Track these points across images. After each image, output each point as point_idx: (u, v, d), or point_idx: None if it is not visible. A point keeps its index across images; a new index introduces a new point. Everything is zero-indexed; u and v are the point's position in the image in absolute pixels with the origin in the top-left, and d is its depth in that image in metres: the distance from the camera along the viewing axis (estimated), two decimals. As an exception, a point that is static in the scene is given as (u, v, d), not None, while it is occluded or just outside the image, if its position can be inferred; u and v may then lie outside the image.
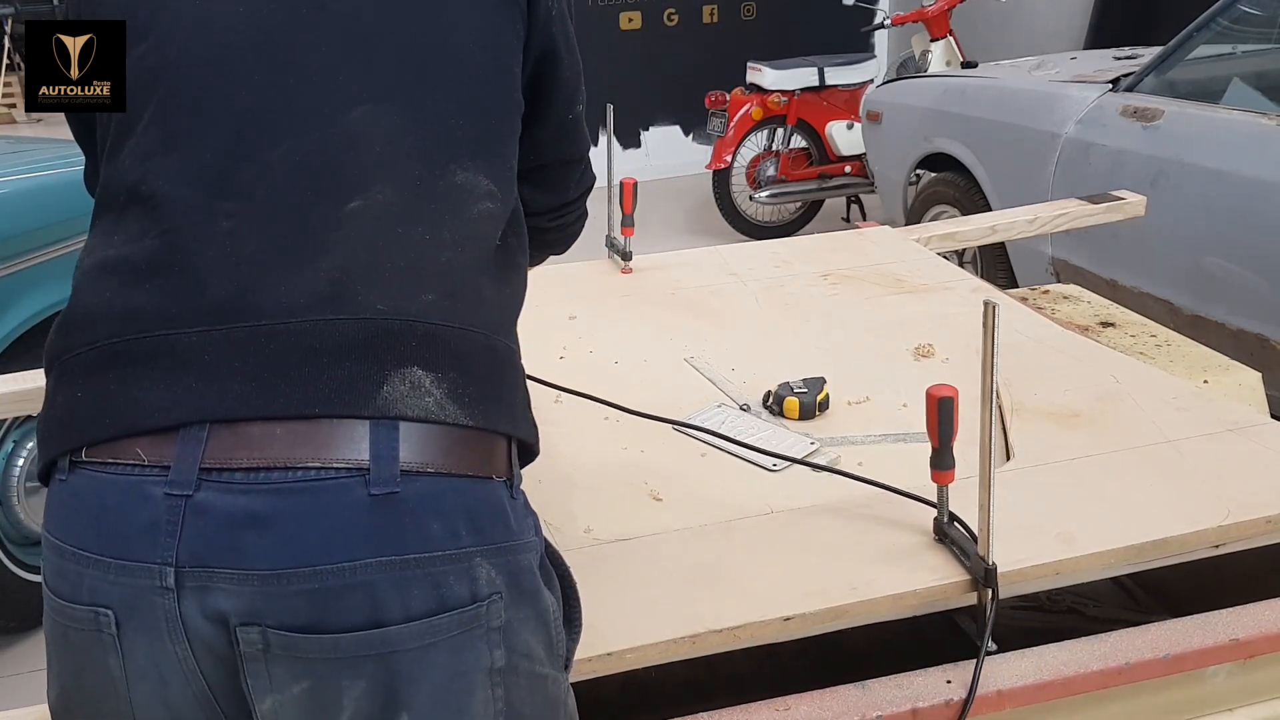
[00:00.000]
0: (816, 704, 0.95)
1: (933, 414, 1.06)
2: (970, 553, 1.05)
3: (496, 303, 0.88)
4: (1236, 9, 3.03)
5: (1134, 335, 1.86)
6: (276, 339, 0.77)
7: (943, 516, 1.10)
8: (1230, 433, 1.32)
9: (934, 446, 1.07)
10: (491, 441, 0.82)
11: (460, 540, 0.76)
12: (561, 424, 1.39)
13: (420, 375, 0.78)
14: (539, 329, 1.71)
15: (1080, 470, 1.26)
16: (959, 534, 1.08)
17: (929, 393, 1.06)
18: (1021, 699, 0.98)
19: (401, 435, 0.76)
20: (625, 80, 6.47)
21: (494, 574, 0.78)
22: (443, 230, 0.85)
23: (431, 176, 0.86)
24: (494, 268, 0.88)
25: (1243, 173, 2.71)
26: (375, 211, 0.83)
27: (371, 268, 0.81)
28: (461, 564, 0.76)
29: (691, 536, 1.15)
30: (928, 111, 3.95)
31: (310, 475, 0.74)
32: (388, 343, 0.78)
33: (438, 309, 0.81)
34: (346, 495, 0.74)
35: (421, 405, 0.78)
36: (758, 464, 1.31)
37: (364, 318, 0.78)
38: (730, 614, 1.01)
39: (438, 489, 0.77)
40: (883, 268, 1.96)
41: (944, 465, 1.07)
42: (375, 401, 0.76)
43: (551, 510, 1.20)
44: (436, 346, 0.80)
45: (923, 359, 1.59)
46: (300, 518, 0.74)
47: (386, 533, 0.74)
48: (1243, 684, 1.06)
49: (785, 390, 1.44)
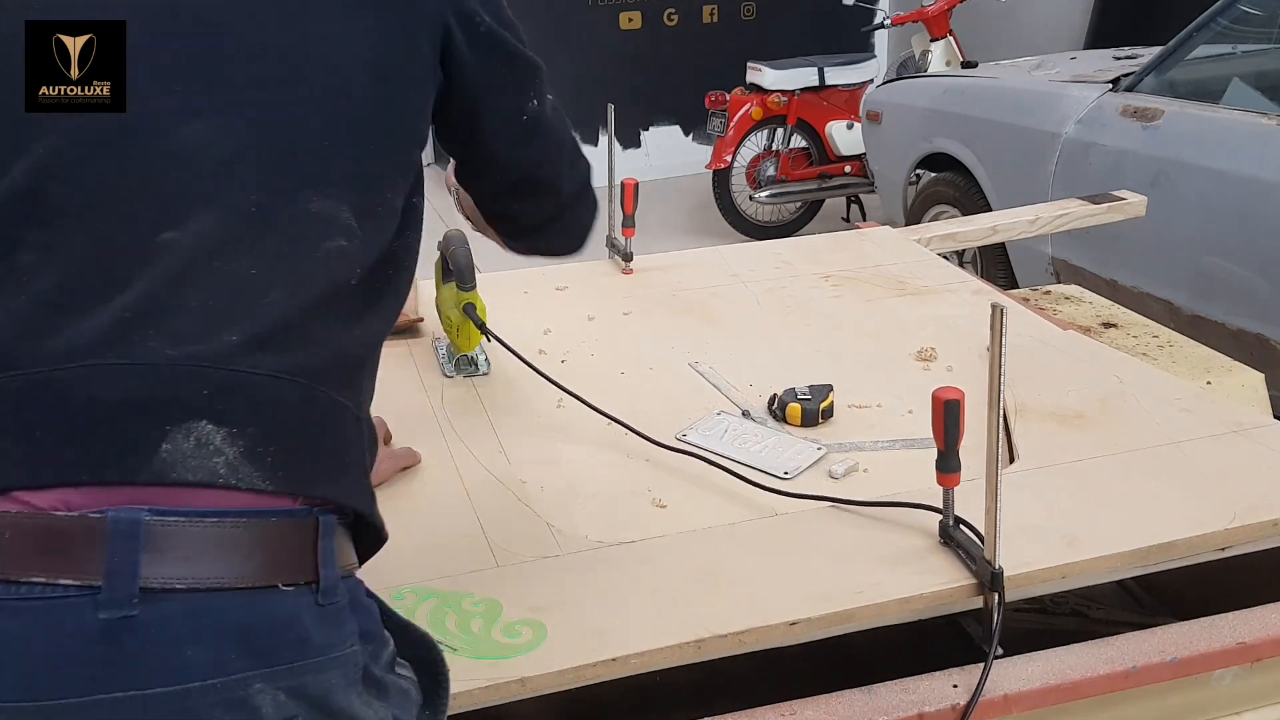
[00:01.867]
0: (822, 708, 0.95)
1: (939, 416, 1.05)
2: (976, 556, 1.04)
3: (329, 349, 0.74)
4: (1236, 9, 3.03)
5: (1136, 336, 1.85)
6: (52, 389, 0.66)
7: (948, 520, 1.10)
8: (1234, 434, 1.31)
9: (940, 449, 1.06)
10: (290, 530, 0.69)
11: (228, 665, 0.64)
12: (563, 428, 1.39)
13: (209, 431, 0.67)
14: (540, 328, 1.71)
15: (1084, 472, 1.25)
16: (965, 538, 1.08)
17: (935, 395, 1.05)
18: (1027, 703, 0.97)
19: (145, 539, 0.64)
20: (625, 80, 6.47)
21: (285, 699, 0.65)
22: (276, 266, 0.73)
23: (274, 204, 0.75)
24: (337, 311, 0.76)
25: (1243, 173, 2.70)
26: (190, 242, 0.71)
27: (171, 307, 0.70)
28: (233, 693, 0.64)
29: (695, 540, 1.14)
30: (928, 111, 3.95)
31: (35, 593, 0.63)
32: (174, 392, 0.67)
33: (242, 353, 0.69)
34: (74, 619, 0.63)
35: (207, 467, 0.66)
36: (764, 469, 1.30)
37: (149, 363, 0.67)
38: (735, 619, 1.01)
39: (194, 608, 0.64)
40: (884, 269, 1.96)
41: (950, 468, 1.06)
42: (153, 463, 0.65)
43: (554, 516, 1.19)
44: (234, 397, 0.68)
45: (926, 364, 1.59)
46: (21, 643, 0.63)
47: (122, 664, 0.62)
48: (1249, 688, 1.06)
49: (790, 396, 1.43)
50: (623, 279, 1.93)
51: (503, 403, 1.47)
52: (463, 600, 1.04)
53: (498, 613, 1.02)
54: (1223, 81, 3.05)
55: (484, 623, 1.00)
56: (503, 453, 1.34)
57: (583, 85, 6.44)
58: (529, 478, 1.28)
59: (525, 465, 1.30)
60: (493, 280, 1.96)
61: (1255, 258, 2.69)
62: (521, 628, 1.00)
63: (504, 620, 1.01)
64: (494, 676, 0.93)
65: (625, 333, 1.73)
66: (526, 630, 0.99)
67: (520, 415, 1.43)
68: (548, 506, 1.21)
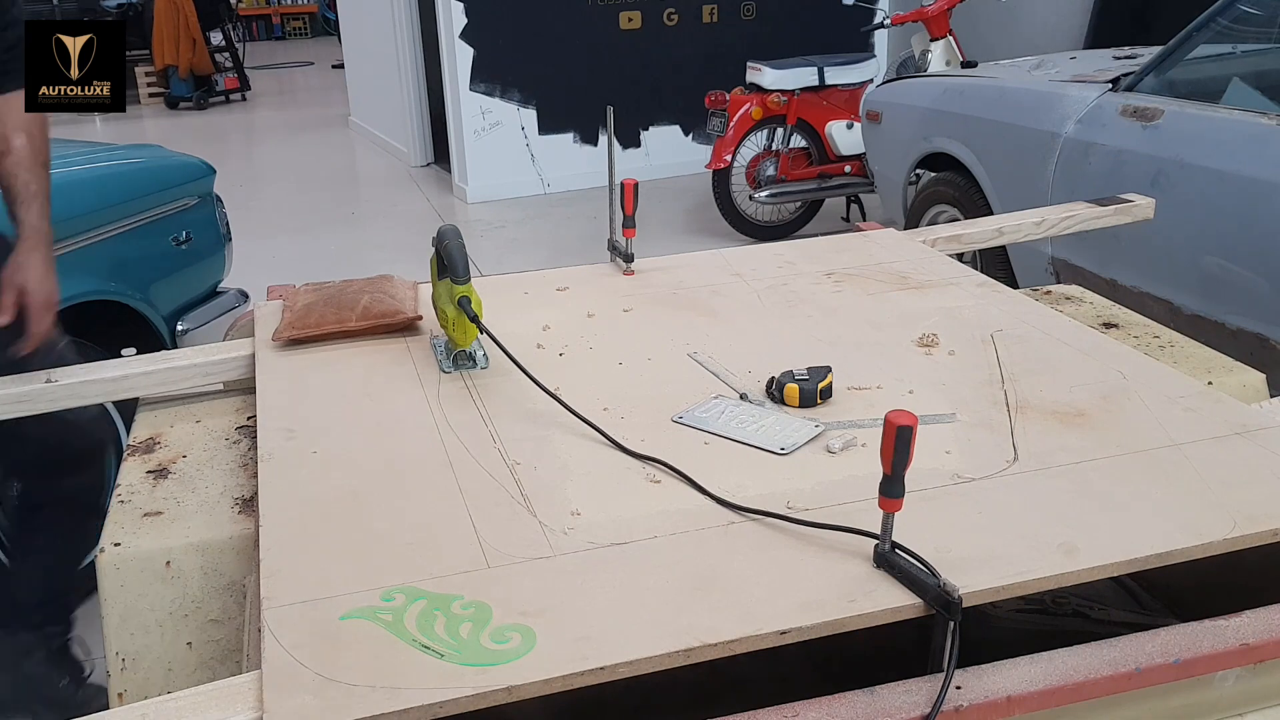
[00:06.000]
0: (825, 710, 0.94)
1: (889, 440, 1.01)
2: (927, 583, 1.01)
3: None
4: (1236, 9, 3.03)
5: (1137, 336, 1.85)
6: None
7: (885, 545, 1.06)
8: (1237, 436, 1.31)
9: (886, 473, 1.02)
10: None
11: None
12: (559, 414, 1.38)
13: None
14: (539, 325, 1.70)
15: (1084, 475, 1.25)
16: (904, 562, 1.04)
17: (888, 419, 1.00)
18: (1031, 705, 0.97)
19: None
20: (625, 80, 6.47)
21: None
22: None
23: None
24: None
25: (1243, 173, 2.70)
26: None
27: None
28: None
29: (688, 542, 1.14)
30: (928, 111, 3.95)
31: None
32: None
33: None
34: None
35: None
36: (761, 446, 1.31)
37: None
38: (726, 627, 0.99)
39: None
40: (887, 266, 1.95)
41: (894, 493, 1.03)
42: None
43: (547, 515, 1.19)
44: None
45: (928, 349, 1.58)
46: None
47: None
48: (1252, 689, 1.06)
49: (787, 377, 1.43)
50: (624, 280, 1.93)
51: (499, 398, 1.46)
52: (452, 603, 1.03)
53: (487, 617, 1.01)
54: (1223, 81, 3.05)
55: (473, 627, 1.00)
56: (498, 448, 1.33)
57: (583, 85, 6.44)
58: (523, 474, 1.27)
59: (520, 461, 1.30)
60: (493, 281, 1.96)
61: (1255, 258, 2.69)
62: (511, 633, 0.99)
63: (493, 625, 1.00)
64: (481, 684, 0.92)
65: (624, 327, 1.73)
66: (516, 636, 0.98)
67: (517, 410, 1.43)
68: (541, 504, 1.21)
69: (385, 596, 1.04)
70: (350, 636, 0.99)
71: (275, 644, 0.98)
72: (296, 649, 0.97)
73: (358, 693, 0.92)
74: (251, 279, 2.20)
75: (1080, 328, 1.68)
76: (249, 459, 1.46)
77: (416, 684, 0.92)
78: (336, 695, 0.91)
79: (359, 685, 0.92)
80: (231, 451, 1.50)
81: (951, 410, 1.40)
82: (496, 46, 6.26)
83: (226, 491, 1.38)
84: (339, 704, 0.90)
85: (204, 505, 1.35)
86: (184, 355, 1.68)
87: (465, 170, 6.48)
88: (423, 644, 0.97)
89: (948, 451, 1.30)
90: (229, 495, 1.37)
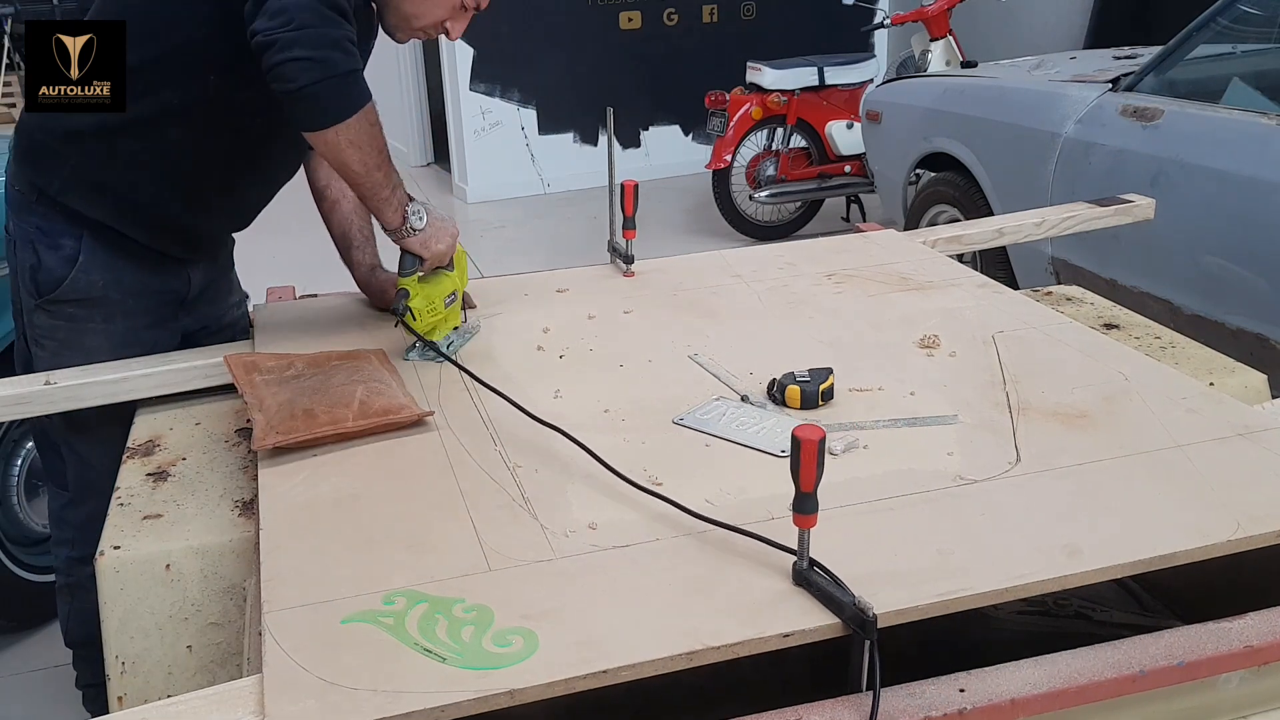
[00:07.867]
0: (829, 713, 0.94)
1: (800, 457, 0.99)
2: (844, 602, 0.98)
3: None
4: (1236, 9, 3.02)
5: (1138, 337, 1.85)
6: None
7: (803, 562, 1.04)
8: (1240, 438, 1.31)
9: (799, 490, 1.01)
10: None
11: None
12: (560, 417, 1.38)
13: None
14: (539, 326, 1.70)
15: (1086, 477, 1.24)
16: (820, 579, 1.03)
17: (796, 434, 0.99)
18: (1035, 707, 0.97)
19: None
20: (625, 80, 6.47)
21: None
22: None
23: None
24: None
25: (1243, 173, 2.70)
26: None
27: None
28: None
29: (690, 545, 1.13)
30: (928, 111, 3.95)
31: None
32: None
33: None
34: None
35: None
36: (762, 449, 1.30)
37: None
38: (728, 630, 0.99)
39: None
40: (888, 267, 1.95)
41: (808, 509, 1.01)
42: None
43: (548, 516, 1.19)
44: None
45: (929, 350, 1.58)
46: None
47: None
48: (1257, 691, 1.05)
49: (788, 379, 1.43)
50: (624, 281, 1.93)
51: (500, 401, 1.45)
52: (454, 606, 1.03)
53: (489, 620, 1.01)
54: (1223, 81, 3.05)
55: (475, 630, 0.99)
56: (499, 450, 1.33)
57: (583, 85, 6.44)
58: (524, 477, 1.27)
59: (521, 464, 1.30)
60: (493, 282, 1.96)
61: (1255, 258, 2.68)
62: (513, 636, 0.98)
63: (495, 628, 0.99)
64: (482, 688, 0.92)
65: (625, 329, 1.72)
66: (518, 639, 0.98)
67: (518, 412, 1.42)
68: (542, 506, 1.21)
69: (387, 600, 1.04)
70: (352, 640, 0.99)
71: (276, 648, 0.98)
72: (297, 653, 0.97)
73: (359, 696, 0.91)
74: (251, 279, 2.19)
75: (1081, 329, 1.68)
76: (249, 461, 1.45)
77: (418, 688, 0.92)
78: (338, 699, 0.91)
79: (361, 689, 0.92)
80: (231, 454, 1.49)
81: (953, 412, 1.40)
82: (496, 46, 6.26)
83: (226, 494, 1.38)
84: (341, 708, 0.90)
85: (204, 508, 1.35)
86: (184, 357, 1.68)
87: (465, 170, 6.48)
88: (424, 647, 0.97)
89: (950, 453, 1.30)
90: (229, 498, 1.37)
